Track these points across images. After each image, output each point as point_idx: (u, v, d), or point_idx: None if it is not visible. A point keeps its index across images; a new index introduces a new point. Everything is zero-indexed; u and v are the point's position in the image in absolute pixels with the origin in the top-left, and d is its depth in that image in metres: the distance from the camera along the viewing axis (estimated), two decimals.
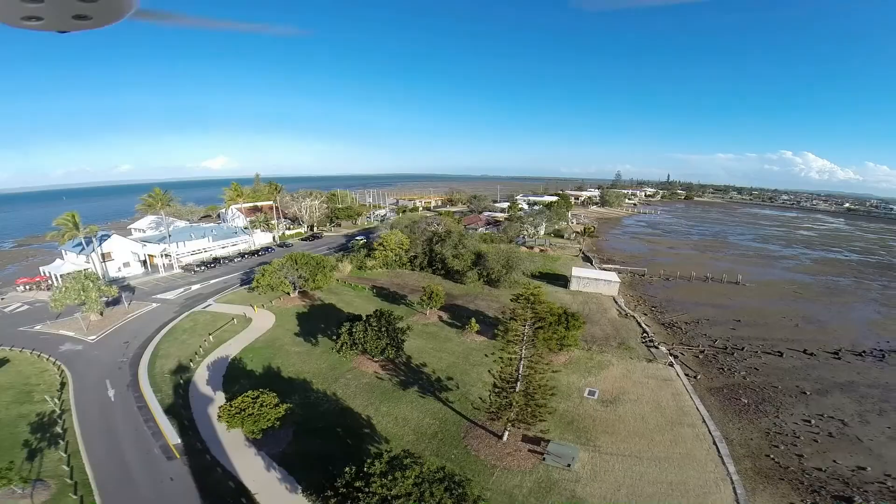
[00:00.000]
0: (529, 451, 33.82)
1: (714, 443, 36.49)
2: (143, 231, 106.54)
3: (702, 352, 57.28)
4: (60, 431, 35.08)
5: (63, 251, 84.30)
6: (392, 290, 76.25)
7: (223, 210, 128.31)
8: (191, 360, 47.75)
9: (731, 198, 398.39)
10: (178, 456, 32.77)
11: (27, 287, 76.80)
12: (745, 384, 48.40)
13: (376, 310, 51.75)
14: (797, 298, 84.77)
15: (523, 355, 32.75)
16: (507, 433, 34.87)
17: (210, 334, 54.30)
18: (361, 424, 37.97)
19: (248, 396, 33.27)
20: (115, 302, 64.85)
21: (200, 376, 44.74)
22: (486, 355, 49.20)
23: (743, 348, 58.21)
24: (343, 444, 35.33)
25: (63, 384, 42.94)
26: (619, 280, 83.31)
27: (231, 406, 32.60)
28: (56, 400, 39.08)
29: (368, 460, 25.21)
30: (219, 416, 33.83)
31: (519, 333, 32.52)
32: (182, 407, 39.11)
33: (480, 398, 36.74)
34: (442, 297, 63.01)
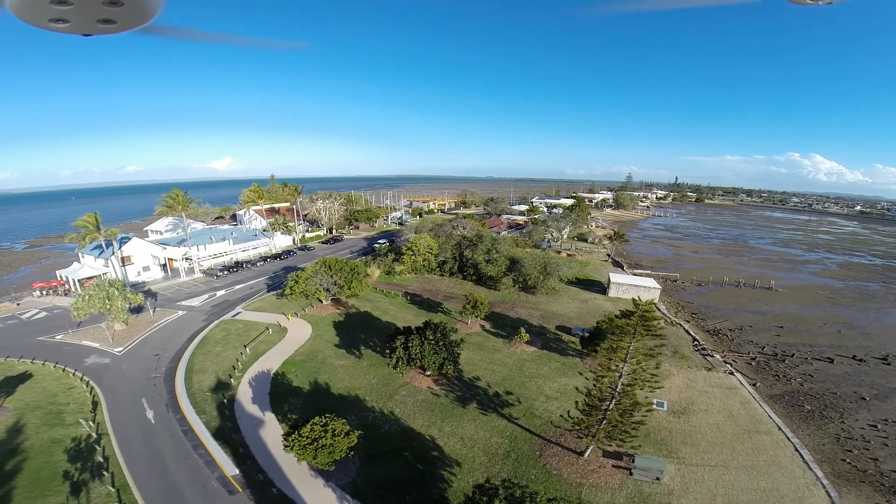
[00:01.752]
0: (614, 466, 32.65)
1: (796, 449, 36.34)
2: (161, 233, 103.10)
3: (753, 359, 56.17)
4: (102, 460, 31.51)
5: (80, 254, 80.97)
6: (425, 297, 72.90)
7: (240, 211, 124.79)
8: (230, 376, 44.34)
9: (741, 200, 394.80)
10: (240, 490, 29.31)
11: (44, 292, 73.43)
12: (804, 391, 48.17)
13: (426, 321, 48.42)
14: (833, 304, 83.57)
15: (624, 371, 30.68)
16: (589, 450, 33.39)
17: (245, 346, 50.94)
18: (428, 446, 35.34)
19: (316, 424, 29.80)
20: (138, 309, 61.37)
21: (244, 394, 41.27)
22: (542, 367, 48.80)
23: (793, 355, 57.52)
24: (413, 469, 32.65)
25: (95, 403, 39.42)
26: (659, 287, 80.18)
27: (301, 436, 29.13)
28: (91, 423, 35.64)
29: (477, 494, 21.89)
30: (286, 447, 30.28)
31: (624, 349, 30.44)
32: (231, 430, 35.60)
33: (562, 415, 35.50)
34: (486, 305, 59.65)
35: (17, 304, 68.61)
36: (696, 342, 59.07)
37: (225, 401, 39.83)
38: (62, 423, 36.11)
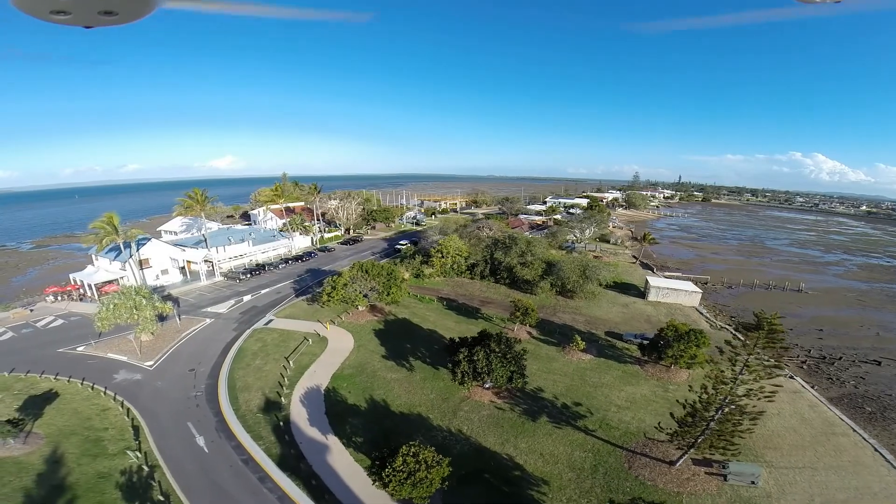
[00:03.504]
0: (707, 473, 32.79)
1: (875, 449, 36.92)
2: (175, 233, 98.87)
3: (803, 362, 56.60)
4: (162, 499, 27.87)
5: (94, 256, 76.95)
6: (461, 302, 69.60)
7: (254, 210, 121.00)
8: (278, 393, 40.76)
9: (747, 200, 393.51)
10: None
11: (57, 297, 69.41)
12: (860, 393, 48.71)
13: (482, 331, 45.19)
14: (864, 307, 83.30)
15: (739, 382, 29.39)
16: (682, 459, 33.00)
17: (286, 358, 47.40)
18: (507, 466, 33.19)
19: (407, 456, 26.37)
20: (162, 317, 57.47)
21: (298, 414, 37.71)
22: (603, 376, 47.58)
23: (840, 357, 58.01)
24: (499, 493, 30.57)
25: (136, 428, 35.60)
26: (699, 290, 77.42)
27: (395, 470, 25.68)
28: (138, 453, 31.96)
29: None
30: (380, 482, 26.72)
31: (741, 360, 29.53)
32: (297, 459, 32.02)
33: (656, 426, 34.74)
34: (536, 313, 56.40)
35: (31, 311, 64.56)
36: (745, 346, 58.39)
37: (280, 423, 36.25)
38: (105, 454, 32.35)
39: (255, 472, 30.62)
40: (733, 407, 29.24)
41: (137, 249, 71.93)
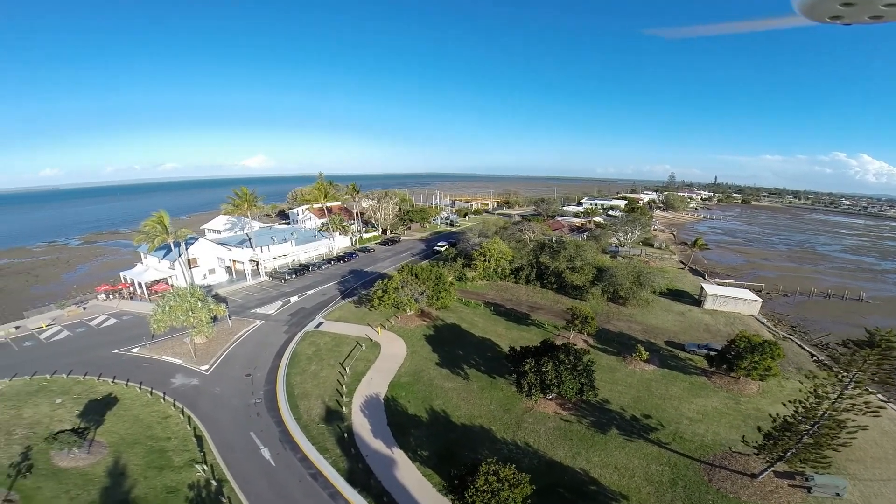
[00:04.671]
0: (790, 486, 31.97)
1: None
2: (219, 232, 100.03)
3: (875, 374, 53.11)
4: None
5: (143, 254, 78.04)
6: (508, 308, 67.55)
7: (293, 210, 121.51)
8: (338, 402, 39.70)
9: (789, 202, 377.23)
10: None
11: (109, 295, 70.51)
12: None
13: (544, 340, 43.35)
14: None
15: (844, 396, 28.11)
16: (765, 472, 32.18)
17: (342, 364, 46.42)
18: (582, 480, 31.89)
19: (489, 475, 24.74)
20: (214, 317, 57.39)
21: (361, 425, 36.47)
22: (670, 387, 45.63)
23: None
24: None
25: (199, 438, 34.97)
26: (759, 299, 73.32)
27: (478, 490, 24.08)
28: (205, 466, 31.15)
29: None
30: None
31: (850, 376, 28.22)
32: (365, 474, 30.75)
33: (741, 440, 34.38)
34: (596, 321, 53.98)
35: (84, 309, 65.74)
36: (815, 357, 55.59)
37: (344, 435, 35.08)
38: (170, 466, 31.68)
39: (325, 489, 29.44)
40: (831, 421, 28.20)
41: (186, 248, 72.47)
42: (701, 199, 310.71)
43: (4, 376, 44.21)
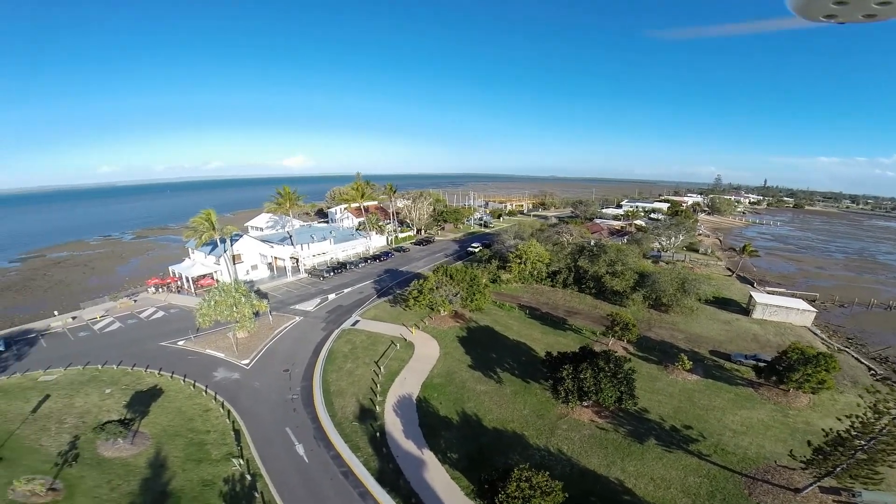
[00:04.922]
0: (834, 501, 31.08)
1: None
2: (261, 230, 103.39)
3: None
4: None
5: (190, 249, 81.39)
6: (544, 311, 66.36)
7: (331, 209, 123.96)
8: (371, 401, 40.04)
9: (846, 207, 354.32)
10: None
11: (158, 289, 73.88)
12: None
13: (582, 346, 42.22)
14: None
15: None
16: (809, 487, 31.24)
17: (376, 362, 46.85)
18: (616, 490, 30.98)
19: (521, 482, 24.30)
20: (256, 312, 59.14)
21: (393, 425, 36.62)
22: (714, 398, 43.97)
23: None
24: None
25: (237, 432, 35.96)
26: (813, 310, 69.00)
27: (510, 496, 23.69)
28: (241, 461, 31.92)
29: None
30: None
31: None
32: (395, 474, 30.86)
33: (788, 454, 33.05)
34: (637, 328, 52.24)
35: (135, 301, 69.12)
36: (872, 371, 53.46)
37: (377, 434, 35.33)
38: (208, 459, 32.71)
39: (355, 487, 29.70)
40: (890, 436, 27.06)
41: (231, 245, 75.07)
42: (749, 202, 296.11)
43: (60, 365, 46.83)
